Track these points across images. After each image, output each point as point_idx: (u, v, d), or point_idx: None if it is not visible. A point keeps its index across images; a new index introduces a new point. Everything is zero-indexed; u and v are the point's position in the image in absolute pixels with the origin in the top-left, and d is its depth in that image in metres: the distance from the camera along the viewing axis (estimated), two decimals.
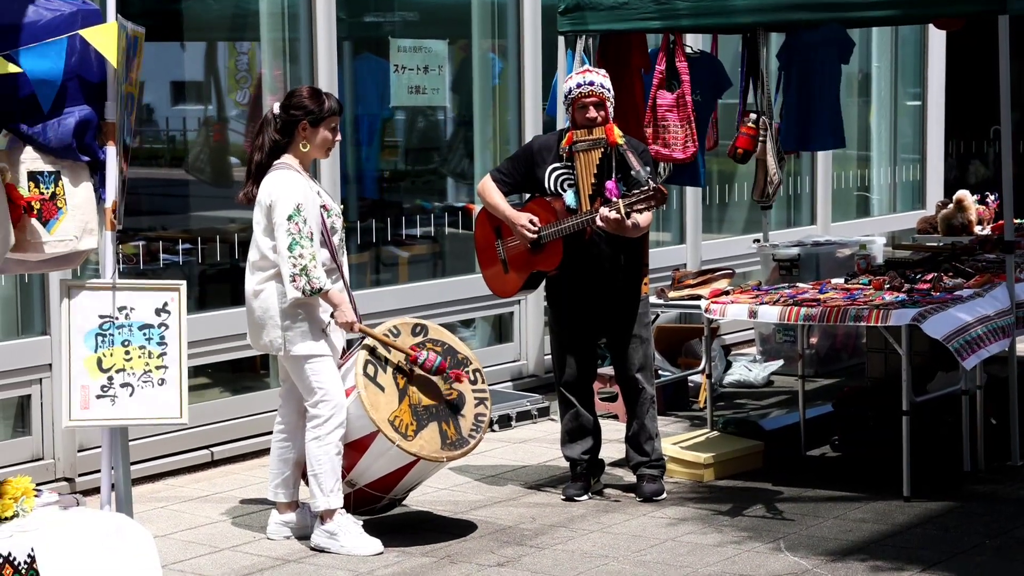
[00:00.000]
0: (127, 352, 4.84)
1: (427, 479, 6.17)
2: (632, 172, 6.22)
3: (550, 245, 6.33)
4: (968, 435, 6.72)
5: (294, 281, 5.61)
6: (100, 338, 4.83)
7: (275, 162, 5.80)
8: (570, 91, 6.28)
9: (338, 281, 5.80)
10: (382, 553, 5.70)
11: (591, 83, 6.25)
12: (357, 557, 5.67)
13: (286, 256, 5.62)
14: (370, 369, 5.79)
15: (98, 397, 4.80)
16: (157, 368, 4.87)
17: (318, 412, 5.76)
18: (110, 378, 4.81)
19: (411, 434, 5.73)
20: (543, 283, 6.54)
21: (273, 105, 5.87)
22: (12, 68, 4.32)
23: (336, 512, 5.77)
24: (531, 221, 6.32)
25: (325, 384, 5.75)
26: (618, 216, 6.05)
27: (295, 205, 5.64)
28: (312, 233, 5.65)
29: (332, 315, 5.75)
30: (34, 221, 4.58)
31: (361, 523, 5.84)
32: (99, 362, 4.82)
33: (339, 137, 5.90)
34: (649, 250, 6.63)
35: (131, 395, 4.83)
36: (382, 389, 5.77)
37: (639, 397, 6.49)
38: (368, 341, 5.84)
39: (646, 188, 6.07)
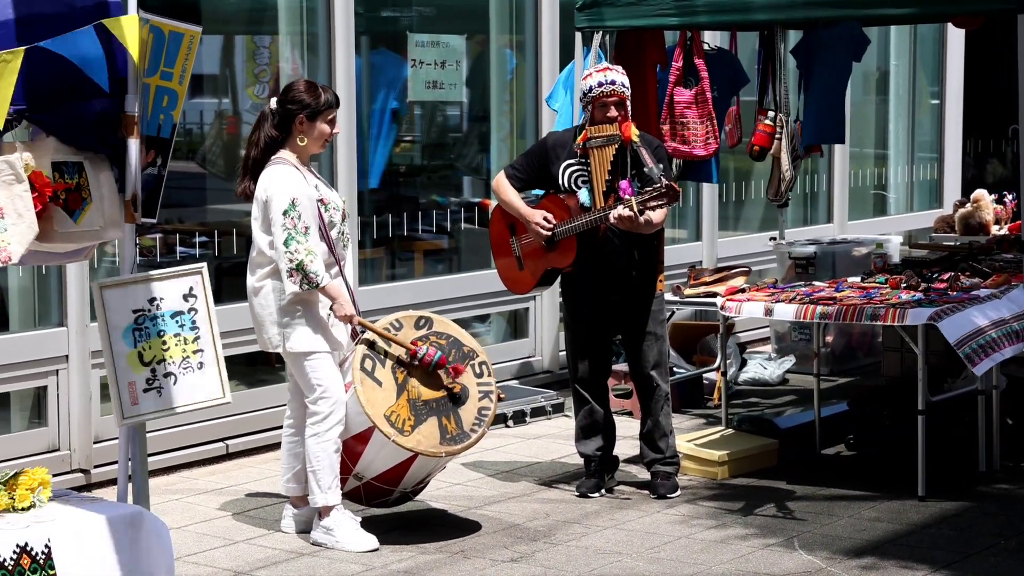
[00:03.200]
0: (164, 342, 4.86)
1: (438, 472, 6.16)
2: (645, 169, 6.22)
3: (564, 242, 6.33)
4: (984, 435, 6.70)
5: (291, 276, 5.61)
6: (137, 333, 4.85)
7: (272, 157, 5.80)
8: (591, 89, 6.26)
9: (337, 275, 5.80)
10: (377, 549, 5.70)
11: (612, 82, 6.24)
12: (354, 553, 5.68)
13: (283, 252, 5.62)
14: (367, 364, 5.78)
15: (145, 391, 4.82)
16: (194, 353, 4.89)
17: (317, 409, 5.76)
18: (153, 370, 4.83)
19: (408, 429, 5.72)
20: (558, 279, 6.54)
21: (270, 101, 5.88)
22: (15, 64, 4.30)
23: (333, 508, 5.77)
24: (545, 218, 6.32)
25: (324, 381, 5.75)
26: (631, 213, 6.05)
27: (290, 200, 5.65)
28: (308, 228, 5.64)
29: (331, 308, 5.75)
30: (60, 211, 4.59)
31: (359, 520, 5.83)
32: (140, 356, 4.84)
33: (337, 130, 5.90)
34: (665, 247, 6.62)
35: (175, 383, 4.85)
36: (379, 384, 5.76)
37: (653, 394, 6.49)
38: (368, 335, 5.83)
39: (659, 185, 6.06)
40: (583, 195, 6.28)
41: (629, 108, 6.31)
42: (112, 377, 4.78)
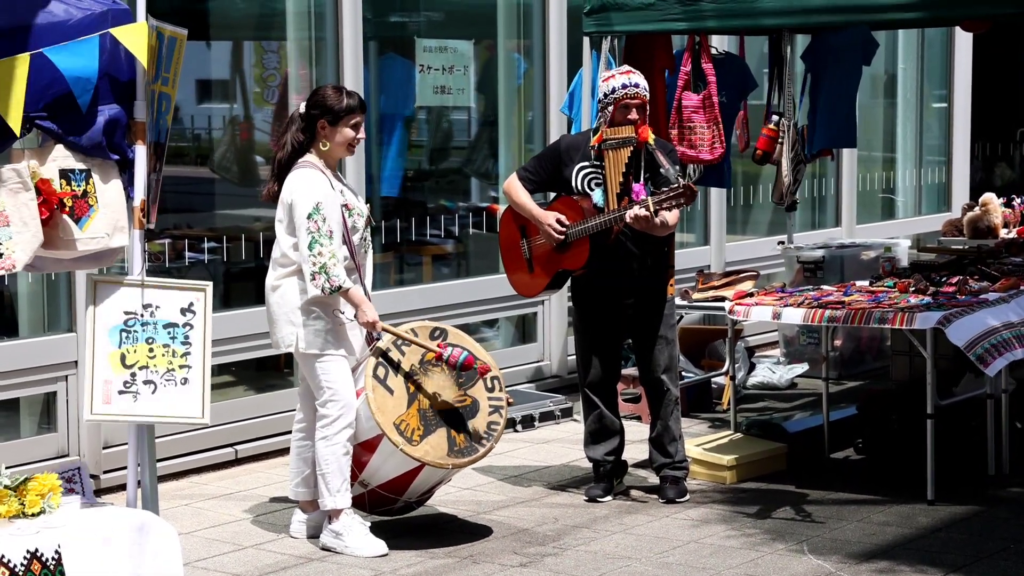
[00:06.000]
0: (151, 350, 4.85)
1: (446, 483, 6.16)
2: (661, 170, 6.24)
3: (576, 244, 6.33)
4: (993, 439, 6.69)
5: (314, 280, 5.63)
6: (124, 334, 4.84)
7: (299, 160, 5.82)
8: (613, 90, 6.26)
9: (356, 281, 5.80)
10: (386, 555, 5.69)
11: (636, 85, 6.26)
12: (363, 557, 5.68)
13: (306, 255, 5.64)
14: (380, 371, 5.78)
15: (120, 393, 4.81)
16: (180, 367, 4.88)
17: (327, 412, 5.77)
18: (133, 375, 4.82)
19: (416, 439, 5.72)
20: (568, 283, 6.55)
21: (300, 104, 5.90)
22: (22, 71, 4.32)
23: (343, 512, 5.77)
24: (558, 220, 6.33)
25: (335, 383, 5.76)
26: (647, 213, 6.05)
27: (315, 204, 5.66)
28: (332, 232, 5.66)
29: (355, 315, 5.76)
30: (66, 218, 4.60)
31: (369, 524, 5.84)
32: (122, 358, 4.84)
33: (362, 135, 5.90)
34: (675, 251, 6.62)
35: (153, 392, 4.84)
36: (391, 392, 5.76)
37: (663, 398, 6.49)
38: (381, 343, 5.83)
39: (675, 186, 6.08)
40: (597, 196, 6.29)
41: (648, 112, 6.33)
42: (88, 372, 4.78)
